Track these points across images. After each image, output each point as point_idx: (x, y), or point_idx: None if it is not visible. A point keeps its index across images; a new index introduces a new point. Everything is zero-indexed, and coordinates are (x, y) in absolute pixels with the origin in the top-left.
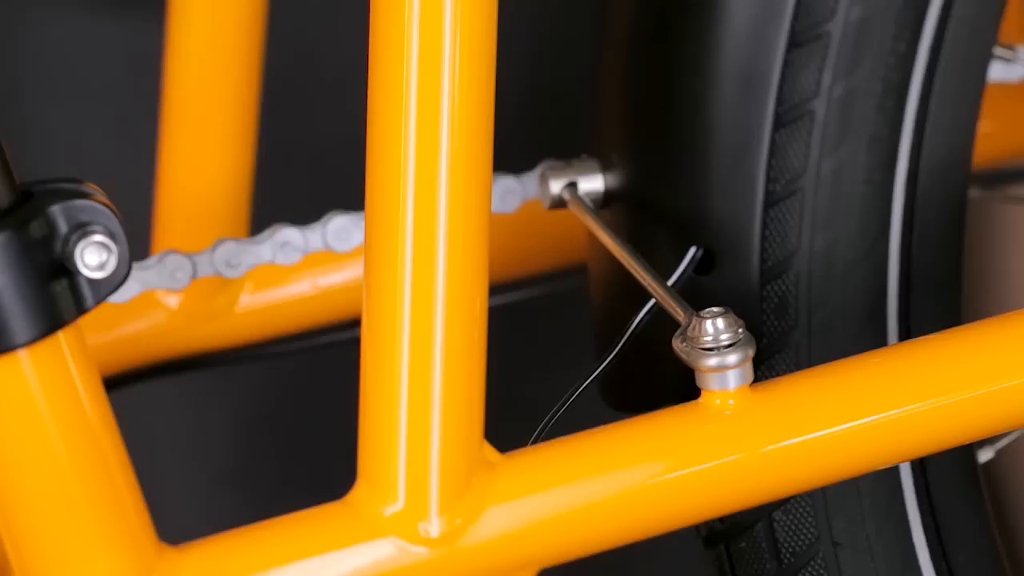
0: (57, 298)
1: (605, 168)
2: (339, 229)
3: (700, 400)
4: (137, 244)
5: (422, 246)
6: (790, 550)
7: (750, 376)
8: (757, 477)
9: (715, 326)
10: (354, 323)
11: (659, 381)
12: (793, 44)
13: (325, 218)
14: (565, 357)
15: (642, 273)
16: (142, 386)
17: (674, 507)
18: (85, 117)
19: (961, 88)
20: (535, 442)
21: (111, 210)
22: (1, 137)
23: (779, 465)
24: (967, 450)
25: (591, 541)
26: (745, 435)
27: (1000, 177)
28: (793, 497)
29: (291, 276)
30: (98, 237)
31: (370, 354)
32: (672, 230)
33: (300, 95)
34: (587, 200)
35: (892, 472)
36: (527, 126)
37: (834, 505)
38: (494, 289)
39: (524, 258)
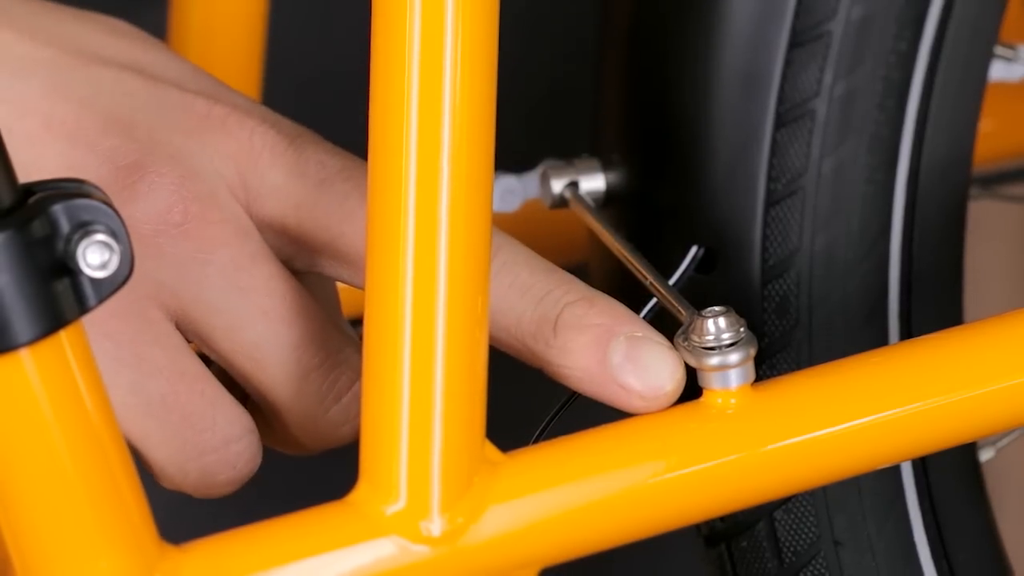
0: (59, 297)
1: (606, 167)
2: None
3: (702, 399)
4: None
5: (423, 246)
6: (791, 549)
7: (752, 375)
8: (758, 476)
9: (716, 325)
10: (355, 323)
11: None
12: (794, 43)
13: None
14: None
15: (643, 272)
16: None
17: (675, 506)
18: None
19: (962, 87)
20: (536, 441)
21: (113, 209)
22: (2, 136)
23: (781, 464)
24: (968, 449)
25: (592, 540)
26: (747, 434)
27: (1000, 177)
28: (794, 496)
29: None
30: (100, 236)
31: (371, 354)
32: (673, 229)
33: (300, 94)
34: (588, 199)
35: (893, 471)
36: (528, 126)
37: (835, 504)
38: None
39: None
